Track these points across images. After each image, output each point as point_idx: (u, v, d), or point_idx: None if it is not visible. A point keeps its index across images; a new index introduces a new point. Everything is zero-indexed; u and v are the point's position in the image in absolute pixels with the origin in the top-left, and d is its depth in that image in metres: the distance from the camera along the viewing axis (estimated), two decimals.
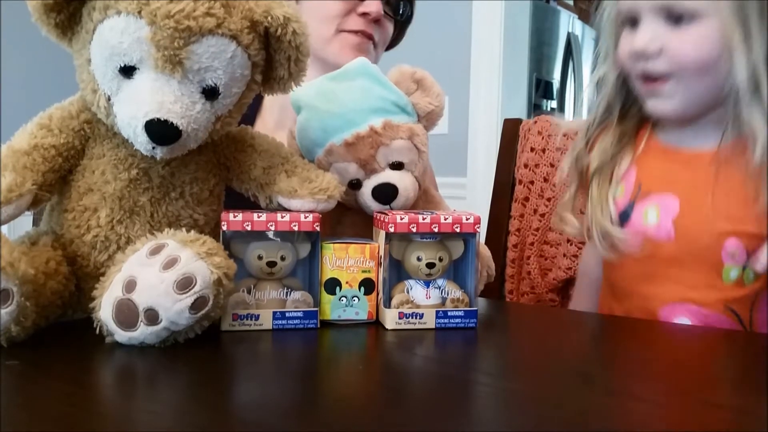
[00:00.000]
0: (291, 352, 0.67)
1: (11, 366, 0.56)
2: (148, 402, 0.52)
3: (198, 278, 0.60)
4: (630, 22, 0.84)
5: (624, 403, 0.52)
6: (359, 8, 1.09)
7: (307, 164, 0.76)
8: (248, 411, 0.49)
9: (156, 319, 0.59)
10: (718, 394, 0.55)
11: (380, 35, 1.14)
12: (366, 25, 1.10)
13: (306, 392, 0.55)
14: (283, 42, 0.68)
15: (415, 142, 0.79)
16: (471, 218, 0.73)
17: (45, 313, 0.64)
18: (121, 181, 0.69)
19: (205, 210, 0.74)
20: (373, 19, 1.10)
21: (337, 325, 0.73)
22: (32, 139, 0.67)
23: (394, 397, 0.53)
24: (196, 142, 0.68)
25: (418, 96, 0.81)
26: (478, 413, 0.51)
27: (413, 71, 0.82)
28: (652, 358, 0.67)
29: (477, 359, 0.68)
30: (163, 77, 0.63)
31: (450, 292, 0.74)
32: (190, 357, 0.61)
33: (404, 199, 0.79)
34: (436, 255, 0.74)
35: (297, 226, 0.70)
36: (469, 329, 0.72)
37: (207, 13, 0.62)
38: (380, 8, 1.10)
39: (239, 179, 0.76)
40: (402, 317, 0.72)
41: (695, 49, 0.79)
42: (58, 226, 0.71)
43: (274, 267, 0.71)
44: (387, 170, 0.79)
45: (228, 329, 0.68)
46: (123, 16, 0.62)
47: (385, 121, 0.77)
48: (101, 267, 0.68)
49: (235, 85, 0.68)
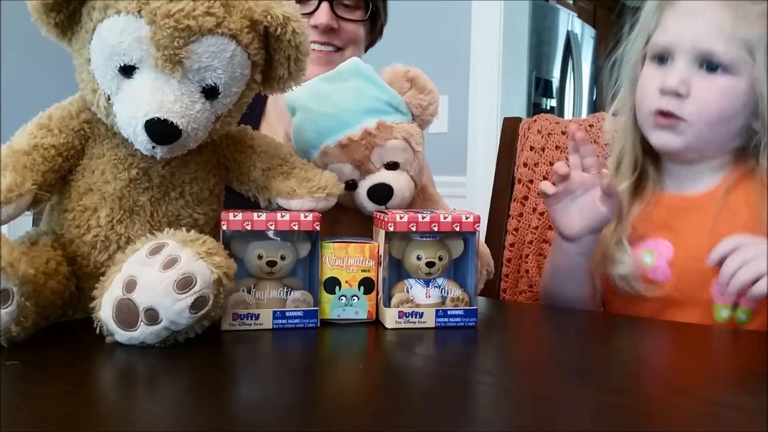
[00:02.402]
0: (291, 351, 0.67)
1: (11, 366, 0.56)
2: (148, 402, 0.52)
3: (198, 278, 0.60)
4: (660, 57, 0.86)
5: (624, 402, 0.52)
6: (311, 21, 1.09)
7: (306, 164, 0.76)
8: (248, 411, 0.49)
9: (156, 318, 0.59)
10: (719, 393, 0.55)
11: (344, 39, 1.13)
12: (319, 35, 1.11)
13: (306, 392, 0.55)
14: (283, 41, 0.68)
15: (409, 142, 0.79)
16: (471, 217, 0.73)
17: (45, 313, 0.64)
18: (121, 180, 0.69)
19: (205, 210, 0.74)
20: (325, 29, 1.10)
21: (337, 324, 0.73)
22: (32, 139, 0.67)
23: (394, 396, 0.53)
24: (196, 141, 0.68)
25: (411, 95, 0.81)
26: (478, 412, 0.51)
27: (406, 70, 0.82)
28: (652, 357, 0.67)
29: (477, 358, 0.68)
30: (163, 77, 0.63)
31: (450, 291, 0.74)
32: (190, 357, 0.61)
33: (400, 198, 0.79)
34: (436, 254, 0.74)
35: (297, 225, 0.70)
36: (469, 328, 0.72)
37: (207, 13, 0.62)
38: (328, 18, 1.10)
39: (239, 180, 0.76)
40: (402, 316, 0.72)
41: (720, 100, 0.82)
42: (58, 226, 0.71)
43: (274, 266, 0.71)
44: (382, 170, 0.79)
45: (228, 329, 0.68)
46: (123, 16, 0.62)
47: (379, 121, 0.77)
48: (101, 267, 0.68)
49: (234, 84, 0.68)
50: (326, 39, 1.12)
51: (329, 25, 1.10)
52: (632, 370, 0.63)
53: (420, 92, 0.81)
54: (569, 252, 0.89)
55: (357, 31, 1.16)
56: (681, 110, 0.83)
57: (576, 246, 0.87)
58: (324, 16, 1.10)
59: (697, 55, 0.82)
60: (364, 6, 1.15)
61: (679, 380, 0.59)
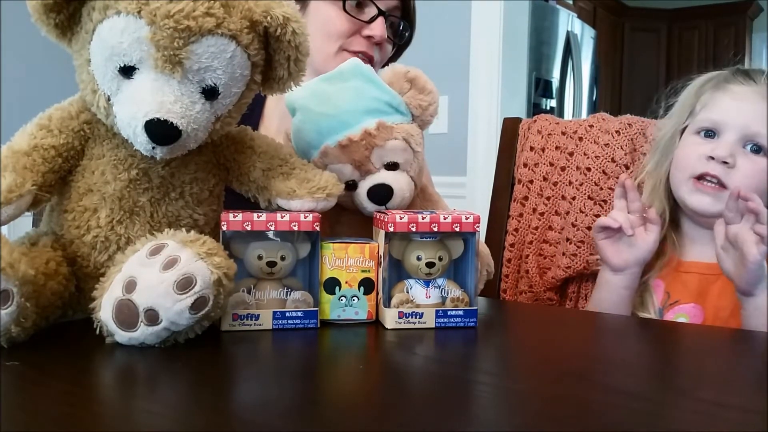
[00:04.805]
0: (291, 352, 0.67)
1: (11, 366, 0.56)
2: (148, 402, 0.52)
3: (198, 278, 0.60)
4: (706, 132, 0.94)
5: (624, 402, 0.52)
6: (365, 30, 1.09)
7: (306, 164, 0.76)
8: (248, 411, 0.49)
9: (156, 319, 0.59)
10: (719, 393, 0.55)
11: (380, 57, 1.14)
12: (369, 47, 1.10)
13: (306, 392, 0.55)
14: (283, 42, 0.68)
15: (409, 142, 0.79)
16: (470, 217, 0.73)
17: (45, 314, 0.64)
18: (121, 181, 0.69)
19: (205, 210, 0.74)
20: (377, 43, 1.11)
21: (337, 324, 0.73)
22: (32, 139, 0.67)
23: (394, 397, 0.53)
24: (196, 142, 0.68)
25: (411, 95, 0.81)
26: (478, 413, 0.51)
27: (406, 70, 0.82)
28: (652, 357, 0.67)
29: (477, 358, 0.68)
30: (162, 77, 0.63)
31: (450, 291, 0.74)
32: (190, 357, 0.61)
33: (400, 199, 0.79)
34: (436, 254, 0.74)
35: (297, 225, 0.70)
36: (469, 328, 0.72)
37: (206, 13, 0.62)
38: (384, 32, 1.10)
39: (239, 181, 0.76)
40: (402, 317, 0.72)
41: (760, 178, 0.91)
42: (58, 227, 0.71)
43: (274, 267, 0.71)
44: (382, 171, 0.79)
45: (228, 329, 0.68)
46: (123, 16, 0.62)
47: (379, 121, 0.77)
48: (101, 267, 0.68)
49: (234, 85, 0.68)
50: (371, 53, 1.11)
51: (383, 38, 1.10)
52: (632, 370, 0.63)
53: (420, 93, 0.81)
54: (616, 285, 0.97)
55: (388, 55, 1.17)
56: (725, 178, 0.91)
57: (623, 278, 0.96)
58: (381, 29, 1.09)
59: (745, 135, 0.91)
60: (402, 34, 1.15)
61: (679, 380, 0.59)
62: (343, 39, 1.09)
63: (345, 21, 1.09)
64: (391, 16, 1.12)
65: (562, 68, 3.26)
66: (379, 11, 1.09)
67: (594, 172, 1.15)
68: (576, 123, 1.22)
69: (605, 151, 1.15)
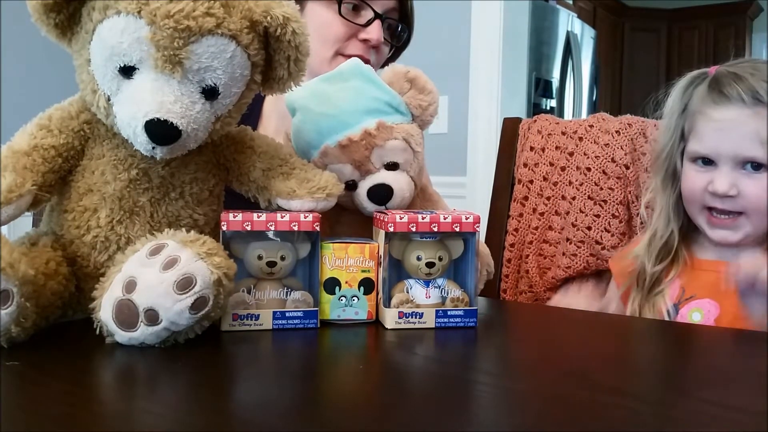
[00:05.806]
0: (291, 352, 0.67)
1: (11, 366, 0.56)
2: (148, 402, 0.52)
3: (198, 278, 0.60)
4: (702, 159, 0.92)
5: (625, 403, 0.52)
6: (361, 34, 1.09)
7: (306, 164, 0.76)
8: (248, 411, 0.49)
9: (156, 319, 0.59)
10: (719, 393, 0.55)
11: (376, 59, 1.13)
12: (365, 50, 1.10)
13: (306, 392, 0.55)
14: (283, 42, 0.68)
15: (409, 142, 0.79)
16: (470, 217, 0.73)
17: (45, 314, 0.64)
18: (121, 181, 0.69)
19: (205, 210, 0.74)
20: (373, 46, 1.10)
21: (337, 324, 0.73)
22: (32, 139, 0.67)
23: (394, 397, 0.53)
24: (196, 142, 0.68)
25: (411, 95, 0.81)
26: (478, 413, 0.51)
27: (406, 70, 0.82)
28: (653, 357, 0.67)
29: (477, 358, 0.68)
30: (162, 77, 0.63)
31: (450, 291, 0.74)
32: (190, 357, 0.61)
33: (399, 199, 0.79)
34: (436, 254, 0.74)
35: (297, 225, 0.70)
36: (469, 328, 0.72)
37: (206, 13, 0.62)
38: (381, 36, 1.09)
39: (239, 181, 0.76)
40: (402, 317, 0.72)
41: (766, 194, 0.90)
42: (57, 227, 0.71)
43: (274, 267, 0.71)
44: (382, 171, 0.79)
45: (228, 329, 0.68)
46: (122, 16, 0.62)
47: (379, 121, 0.77)
48: (101, 267, 0.68)
49: (234, 85, 0.68)
50: (368, 56, 1.10)
51: (380, 42, 1.09)
52: (633, 370, 0.63)
53: (420, 93, 0.81)
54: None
55: (385, 57, 1.16)
56: (735, 206, 0.90)
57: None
58: (377, 33, 1.09)
59: (740, 161, 0.89)
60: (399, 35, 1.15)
61: (679, 380, 0.59)
62: (339, 43, 1.09)
63: (341, 25, 1.08)
64: (389, 19, 1.12)
65: (562, 68, 3.26)
66: (375, 14, 1.09)
67: (594, 172, 1.15)
68: (576, 123, 1.22)
69: (605, 151, 1.15)
